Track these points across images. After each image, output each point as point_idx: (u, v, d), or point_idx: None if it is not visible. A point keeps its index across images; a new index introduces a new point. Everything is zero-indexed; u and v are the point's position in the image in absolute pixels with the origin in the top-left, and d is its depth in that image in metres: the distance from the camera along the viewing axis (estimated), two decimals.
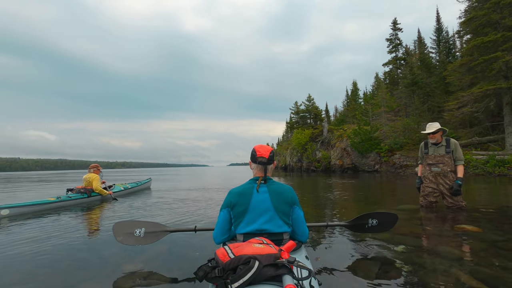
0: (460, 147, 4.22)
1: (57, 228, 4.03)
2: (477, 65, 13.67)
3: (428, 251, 2.56)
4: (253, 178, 1.83)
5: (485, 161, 13.01)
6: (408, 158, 17.45)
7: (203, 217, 4.65)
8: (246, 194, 1.71)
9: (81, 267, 2.45)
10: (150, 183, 11.47)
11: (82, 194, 6.77)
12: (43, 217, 4.93)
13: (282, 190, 1.73)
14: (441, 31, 28.20)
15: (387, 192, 8.15)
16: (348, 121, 34.42)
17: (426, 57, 25.91)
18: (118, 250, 2.87)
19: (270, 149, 1.87)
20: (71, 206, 6.22)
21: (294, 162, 30.80)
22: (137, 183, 10.10)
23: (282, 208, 1.68)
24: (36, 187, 13.64)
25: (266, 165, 1.79)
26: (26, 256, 2.77)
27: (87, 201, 6.80)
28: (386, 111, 21.09)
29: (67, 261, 2.61)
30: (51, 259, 2.69)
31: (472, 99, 14.00)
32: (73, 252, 2.89)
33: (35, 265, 2.52)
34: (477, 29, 14.74)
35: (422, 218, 3.94)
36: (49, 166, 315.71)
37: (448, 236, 3.02)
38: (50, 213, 5.35)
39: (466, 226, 3.37)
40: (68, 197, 6.46)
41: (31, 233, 3.76)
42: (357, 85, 43.75)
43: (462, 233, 3.09)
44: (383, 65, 31.44)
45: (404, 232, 3.19)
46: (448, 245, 2.69)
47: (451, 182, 4.12)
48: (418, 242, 2.84)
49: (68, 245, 3.14)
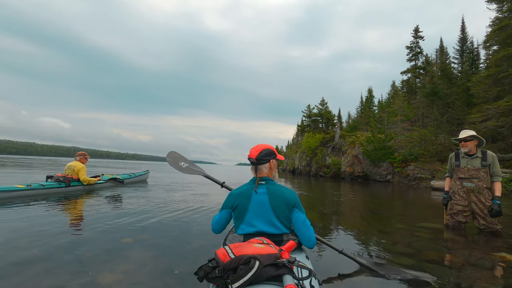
0: (498, 162, 3.64)
1: (25, 221, 3.52)
2: (506, 77, 12.81)
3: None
4: (252, 179, 1.80)
5: (508, 179, 12.15)
6: (423, 170, 16.58)
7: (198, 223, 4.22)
8: (246, 195, 1.69)
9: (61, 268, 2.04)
10: (147, 176, 10.52)
11: (59, 183, 5.96)
12: (6, 207, 4.27)
13: (281, 192, 1.68)
14: (465, 41, 27.02)
15: (403, 205, 7.52)
16: (361, 128, 33.48)
17: (447, 67, 24.85)
18: (111, 247, 2.53)
19: (262, 148, 1.81)
20: (43, 196, 5.38)
21: (302, 166, 30.12)
22: (130, 175, 9.01)
23: (281, 210, 1.63)
24: (30, 171, 13.47)
25: (256, 165, 1.76)
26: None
27: (63, 191, 5.96)
28: (402, 120, 20.23)
29: (39, 262, 2.22)
30: (17, 260, 2.30)
31: (498, 112, 13.13)
32: (46, 252, 2.49)
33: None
34: (506, 40, 13.88)
35: (450, 241, 3.39)
36: (62, 153, 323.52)
37: (488, 269, 2.47)
38: (17, 203, 4.62)
39: (507, 255, 2.80)
40: (40, 186, 5.58)
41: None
42: (372, 92, 42.69)
43: (503, 264, 2.54)
44: (401, 73, 30.53)
45: (431, 257, 2.66)
46: (490, 282, 2.16)
47: (487, 201, 3.54)
48: (451, 274, 2.29)
49: (38, 243, 2.74)
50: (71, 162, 6.57)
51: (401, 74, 30.33)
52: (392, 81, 39.06)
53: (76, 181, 6.39)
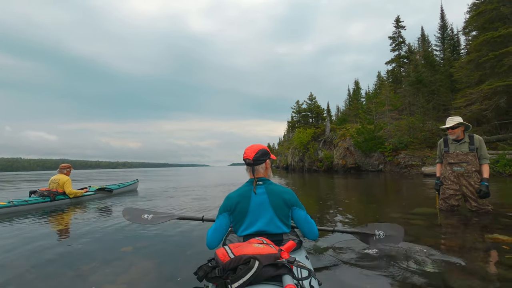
0: (485, 144, 3.75)
1: (13, 238, 3.39)
2: (487, 61, 13.16)
3: (464, 271, 2.08)
4: (248, 180, 1.80)
5: (495, 160, 12.51)
6: (414, 157, 16.92)
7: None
8: (245, 197, 1.69)
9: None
10: (137, 185, 10.26)
11: (44, 198, 5.75)
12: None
13: (280, 191, 1.71)
14: (445, 29, 27.61)
15: (396, 193, 7.65)
16: (350, 120, 33.86)
17: (430, 55, 25.35)
18: (111, 258, 2.47)
19: (257, 148, 1.80)
20: (27, 212, 5.18)
21: (295, 162, 30.28)
22: (119, 185, 8.74)
23: (281, 209, 1.67)
24: (17, 186, 13.14)
25: (253, 166, 1.76)
26: None
27: (48, 205, 5.74)
28: (390, 110, 20.56)
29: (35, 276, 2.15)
30: (10, 278, 2.23)
31: (481, 96, 13.49)
32: (42, 268, 2.42)
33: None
34: (485, 25, 14.24)
35: (444, 225, 3.46)
36: (50, 166, 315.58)
37: (483, 250, 2.53)
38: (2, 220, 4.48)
39: (499, 236, 2.88)
40: (23, 202, 5.40)
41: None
42: (359, 84, 43.19)
43: (497, 245, 2.61)
44: (386, 64, 30.94)
45: (429, 243, 2.70)
46: (486, 262, 2.22)
47: (476, 183, 3.64)
48: (449, 257, 2.35)
49: (32, 259, 2.65)
50: (55, 175, 6.34)
51: (385, 65, 30.76)
52: (378, 72, 39.65)
53: (62, 194, 6.16)
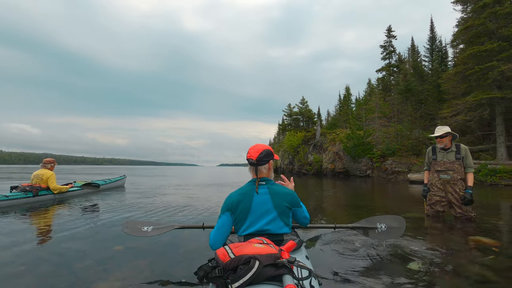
0: (470, 154, 3.94)
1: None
2: (472, 74, 13.67)
3: (448, 271, 2.21)
4: (251, 180, 1.81)
5: (477, 170, 12.99)
6: (400, 164, 17.36)
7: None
8: (247, 196, 1.69)
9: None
10: (124, 181, 10.15)
11: (26, 193, 5.55)
12: None
13: (283, 192, 1.73)
14: (434, 40, 28.49)
15: (385, 198, 7.87)
16: (340, 125, 34.40)
17: (419, 65, 26.11)
18: (104, 256, 2.48)
19: (261, 149, 1.80)
20: (8, 208, 4.98)
21: (285, 165, 30.50)
22: (106, 181, 8.56)
23: (283, 210, 1.68)
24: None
25: (256, 166, 1.76)
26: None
27: (31, 201, 5.55)
28: (379, 117, 21.04)
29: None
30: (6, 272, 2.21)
31: (466, 107, 14.00)
32: (33, 267, 2.41)
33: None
34: (472, 39, 14.81)
35: (431, 229, 3.64)
36: (33, 160, 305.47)
37: (466, 251, 2.70)
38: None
39: (481, 238, 3.06)
40: (4, 197, 5.16)
41: None
42: (350, 90, 43.91)
43: (480, 247, 2.78)
44: (376, 71, 31.63)
45: (416, 246, 2.84)
46: (469, 262, 2.37)
47: (461, 191, 3.83)
48: (434, 257, 2.49)
49: (23, 258, 2.62)
50: (38, 170, 6.12)
51: (376, 72, 31.45)
52: (368, 79, 40.46)
53: (45, 190, 5.96)
